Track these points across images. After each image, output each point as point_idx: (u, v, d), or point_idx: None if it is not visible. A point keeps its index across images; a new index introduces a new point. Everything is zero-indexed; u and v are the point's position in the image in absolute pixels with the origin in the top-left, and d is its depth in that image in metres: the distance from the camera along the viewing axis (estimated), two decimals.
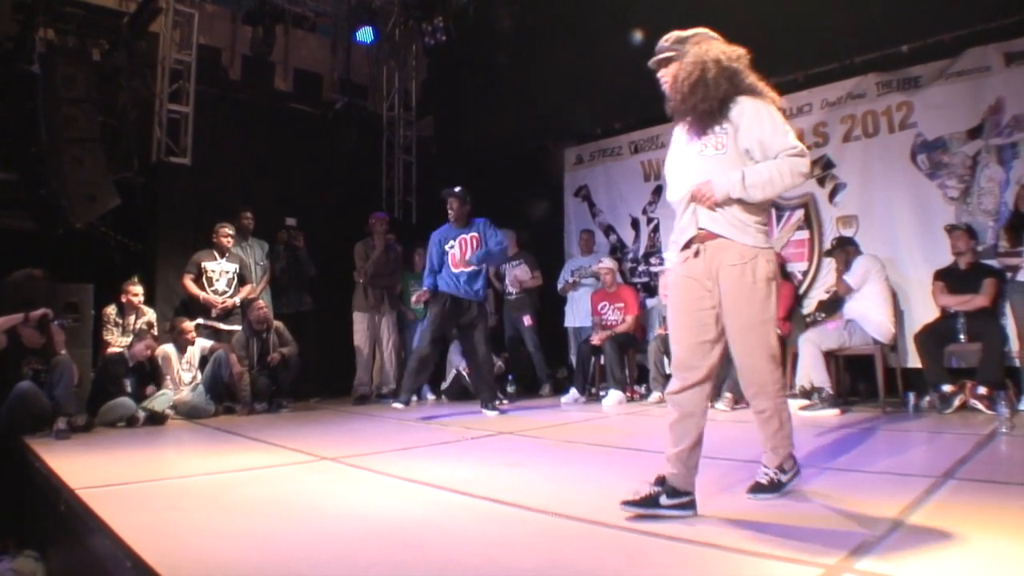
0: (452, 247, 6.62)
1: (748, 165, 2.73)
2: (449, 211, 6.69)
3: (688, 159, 2.87)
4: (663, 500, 2.61)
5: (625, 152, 9.03)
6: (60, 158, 6.83)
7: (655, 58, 2.92)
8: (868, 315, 6.02)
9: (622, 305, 7.75)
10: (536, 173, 9.65)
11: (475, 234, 6.61)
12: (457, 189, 6.69)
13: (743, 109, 2.76)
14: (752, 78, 2.83)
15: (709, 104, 2.75)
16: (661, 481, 2.67)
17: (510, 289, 8.62)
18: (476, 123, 10.04)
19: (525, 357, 8.63)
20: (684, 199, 2.85)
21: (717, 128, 2.77)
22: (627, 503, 2.63)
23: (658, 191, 8.59)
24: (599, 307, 7.94)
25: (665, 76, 2.91)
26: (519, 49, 9.26)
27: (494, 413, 6.35)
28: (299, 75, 10.23)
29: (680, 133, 2.95)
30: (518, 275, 8.53)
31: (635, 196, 8.88)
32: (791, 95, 7.30)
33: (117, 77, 7.83)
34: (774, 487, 2.86)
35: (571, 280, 8.58)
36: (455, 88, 10.54)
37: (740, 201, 2.73)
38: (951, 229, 6.06)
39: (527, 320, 8.41)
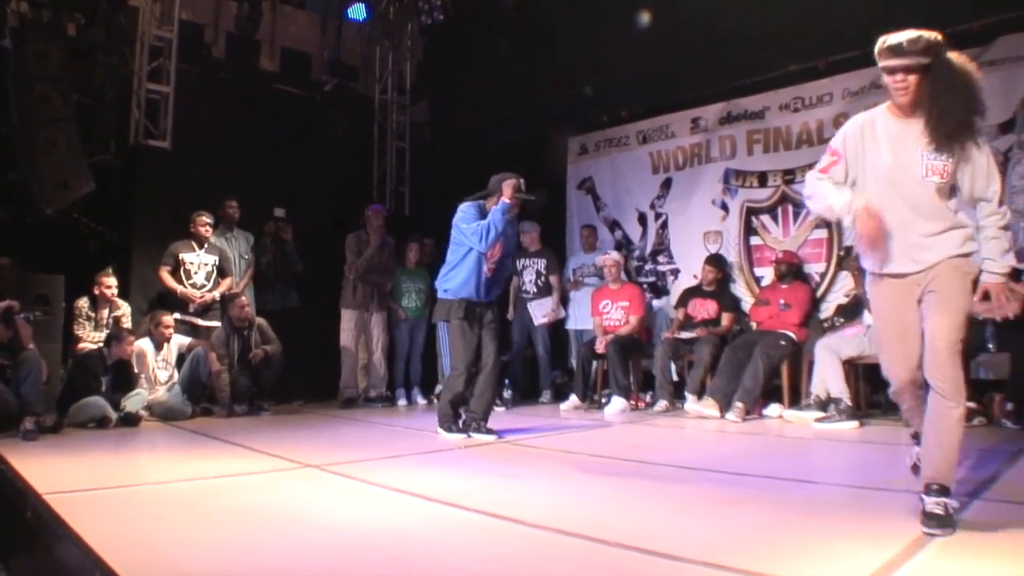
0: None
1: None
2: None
3: (901, 175, 2.87)
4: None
5: (633, 142, 9.03)
6: (32, 140, 6.81)
7: (902, 62, 2.84)
8: None
9: (626, 304, 7.71)
10: (537, 164, 9.51)
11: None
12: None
13: (977, 145, 2.82)
14: None
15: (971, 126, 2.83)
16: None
17: (527, 288, 8.50)
18: (474, 109, 9.98)
19: (527, 360, 8.62)
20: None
21: (945, 155, 2.78)
22: None
23: (667, 184, 8.59)
24: (600, 306, 7.86)
25: (905, 82, 2.84)
26: (521, 31, 9.23)
27: (491, 437, 5.32)
28: (286, 54, 10.18)
29: (886, 138, 2.93)
30: (547, 315, 8.32)
31: (642, 189, 8.87)
32: (811, 84, 7.31)
33: (93, 54, 7.80)
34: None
35: (573, 279, 8.58)
36: (452, 71, 10.49)
37: None
38: None
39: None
